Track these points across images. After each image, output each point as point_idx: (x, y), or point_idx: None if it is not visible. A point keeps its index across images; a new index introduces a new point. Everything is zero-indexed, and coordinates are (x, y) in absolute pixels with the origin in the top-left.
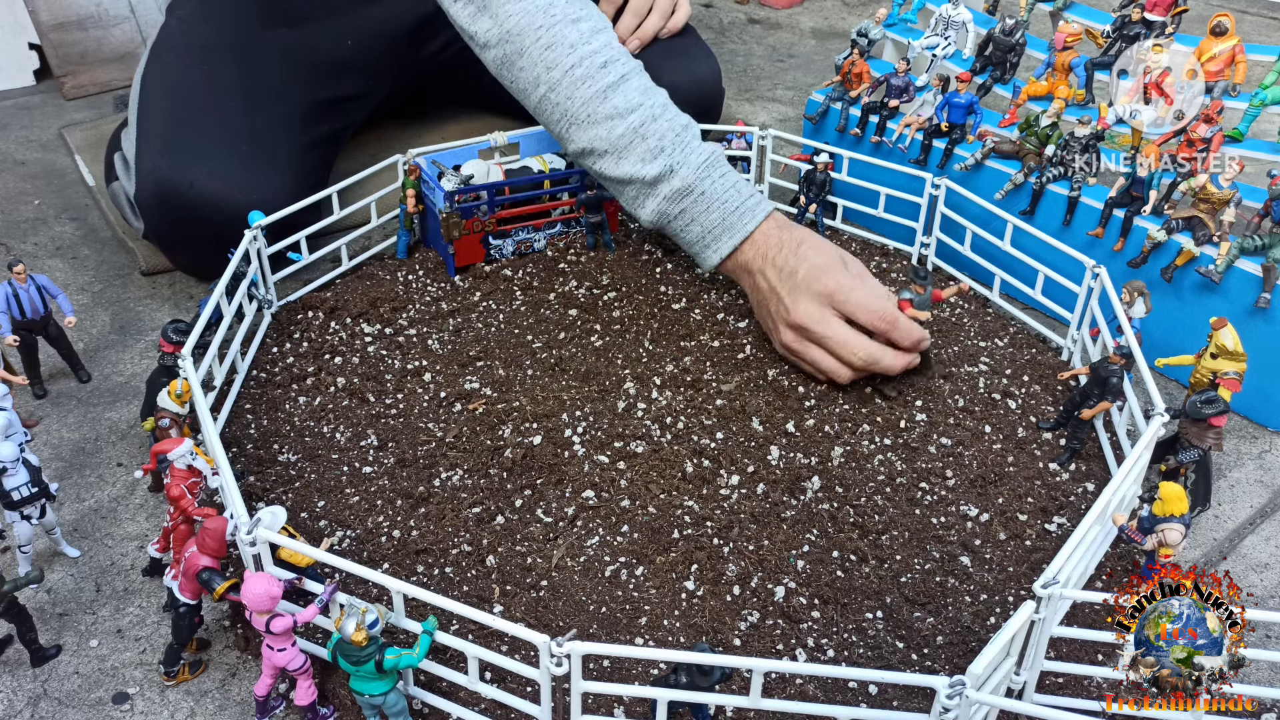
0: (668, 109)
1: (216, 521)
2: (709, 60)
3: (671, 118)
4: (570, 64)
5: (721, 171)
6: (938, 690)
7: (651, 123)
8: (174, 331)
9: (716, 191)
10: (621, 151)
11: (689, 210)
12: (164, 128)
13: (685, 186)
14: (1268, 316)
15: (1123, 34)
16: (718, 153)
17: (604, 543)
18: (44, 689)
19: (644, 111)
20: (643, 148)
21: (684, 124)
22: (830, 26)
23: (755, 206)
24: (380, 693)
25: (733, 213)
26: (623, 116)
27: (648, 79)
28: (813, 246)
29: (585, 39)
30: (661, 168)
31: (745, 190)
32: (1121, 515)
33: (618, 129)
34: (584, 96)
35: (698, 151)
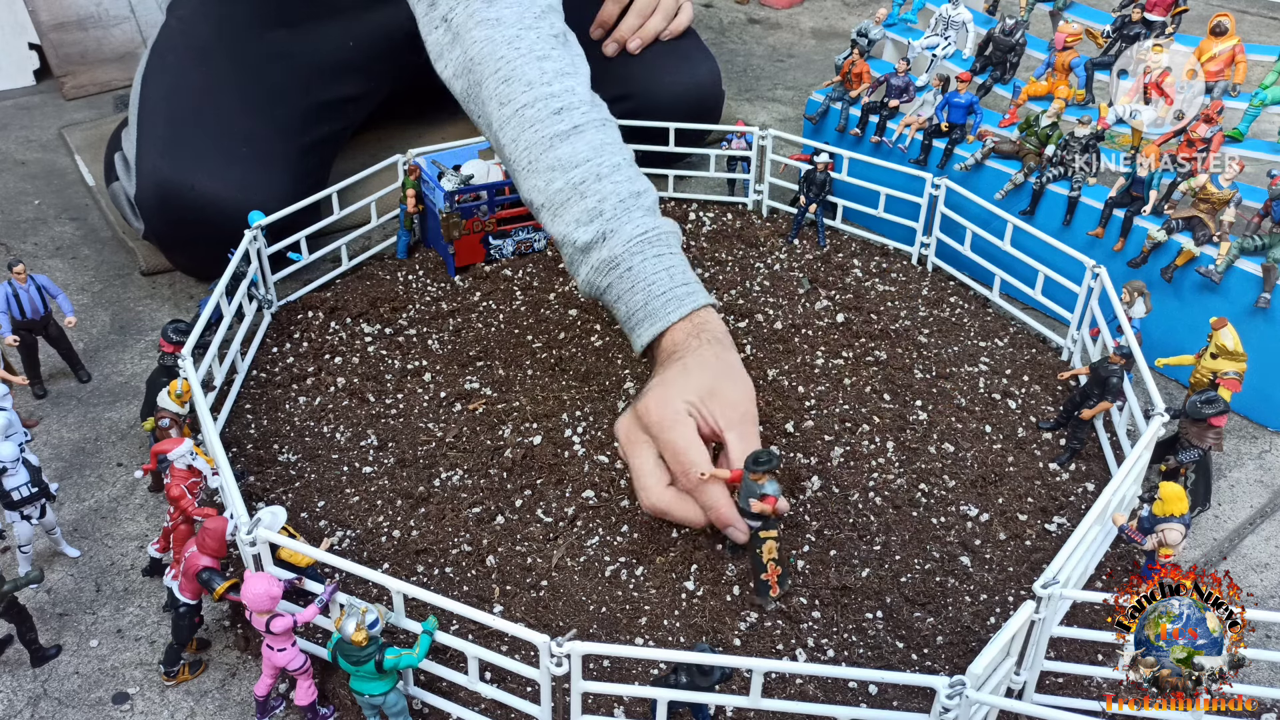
0: (619, 170)
1: (216, 521)
2: (709, 62)
3: (620, 181)
4: (523, 103)
5: (658, 251)
6: (938, 690)
7: (595, 181)
8: (174, 331)
9: (645, 271)
10: (558, 208)
11: (615, 286)
12: (164, 129)
13: (612, 259)
14: (1268, 316)
15: (1123, 34)
16: (662, 230)
17: (604, 543)
18: (44, 689)
19: (589, 168)
20: (580, 207)
21: (635, 190)
22: (830, 26)
23: (685, 296)
24: (380, 693)
25: (658, 297)
26: (564, 170)
27: (608, 135)
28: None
29: (546, 80)
30: (594, 233)
31: (679, 276)
32: (1121, 515)
33: (556, 182)
34: (529, 141)
35: (637, 223)
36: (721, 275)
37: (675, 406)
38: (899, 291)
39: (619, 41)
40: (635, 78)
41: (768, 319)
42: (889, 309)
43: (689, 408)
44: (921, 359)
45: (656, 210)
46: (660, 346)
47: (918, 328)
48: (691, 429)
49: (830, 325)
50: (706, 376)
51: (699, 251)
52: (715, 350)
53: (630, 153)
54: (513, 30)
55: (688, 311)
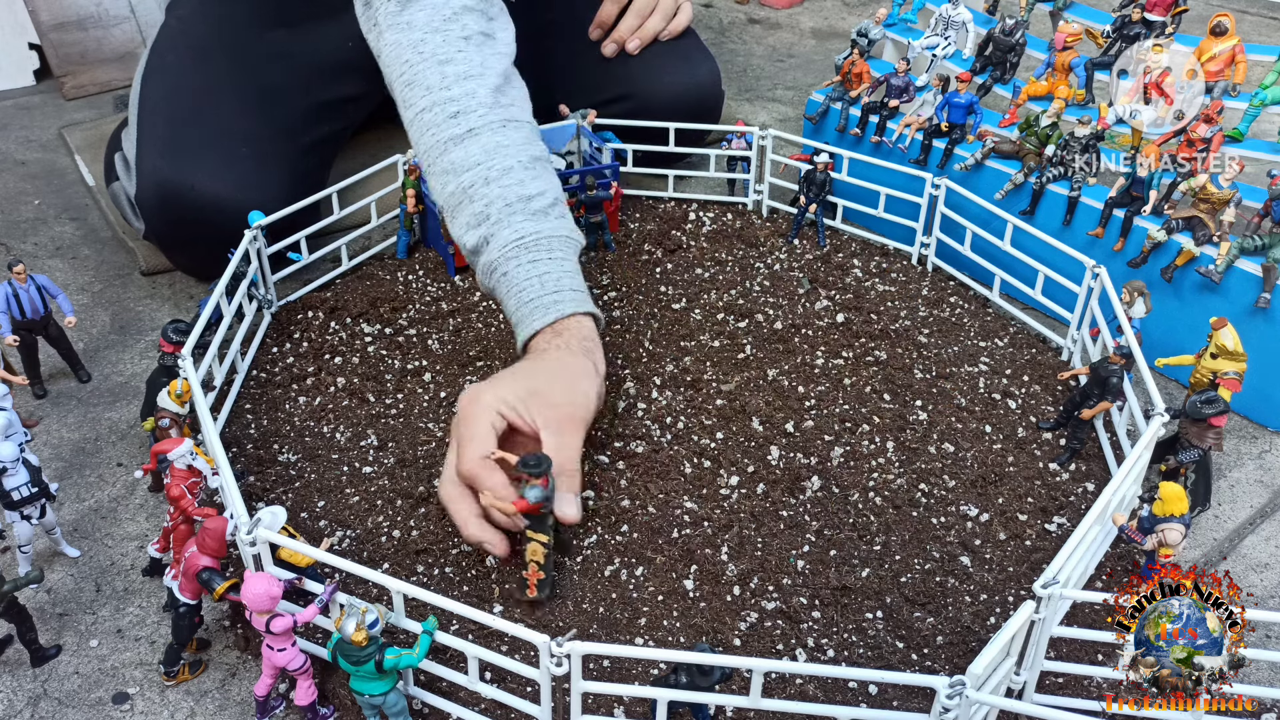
0: (509, 174)
1: (216, 521)
2: (708, 62)
3: (509, 185)
4: (422, 107)
5: (533, 257)
6: (938, 690)
7: (483, 186)
8: (174, 331)
9: (517, 278)
10: (452, 211)
11: (498, 289)
12: (164, 129)
13: (490, 264)
14: (1268, 316)
15: (1123, 34)
16: (542, 235)
17: (604, 543)
18: (44, 689)
19: (478, 172)
20: (469, 211)
21: (524, 194)
22: (830, 26)
23: (551, 305)
24: (380, 693)
25: (526, 304)
26: (456, 173)
27: (507, 137)
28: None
29: (446, 84)
30: (479, 238)
31: (551, 283)
32: (1121, 515)
33: (449, 186)
34: (427, 145)
35: (516, 228)
36: (721, 275)
37: (482, 402)
38: (899, 291)
39: (618, 42)
40: (635, 78)
41: (768, 319)
42: (889, 309)
43: (499, 404)
44: (921, 359)
45: (553, 213)
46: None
47: (918, 328)
48: (485, 425)
49: (830, 325)
50: (534, 378)
51: (699, 252)
52: (560, 355)
53: (537, 150)
54: (419, 34)
55: (551, 320)
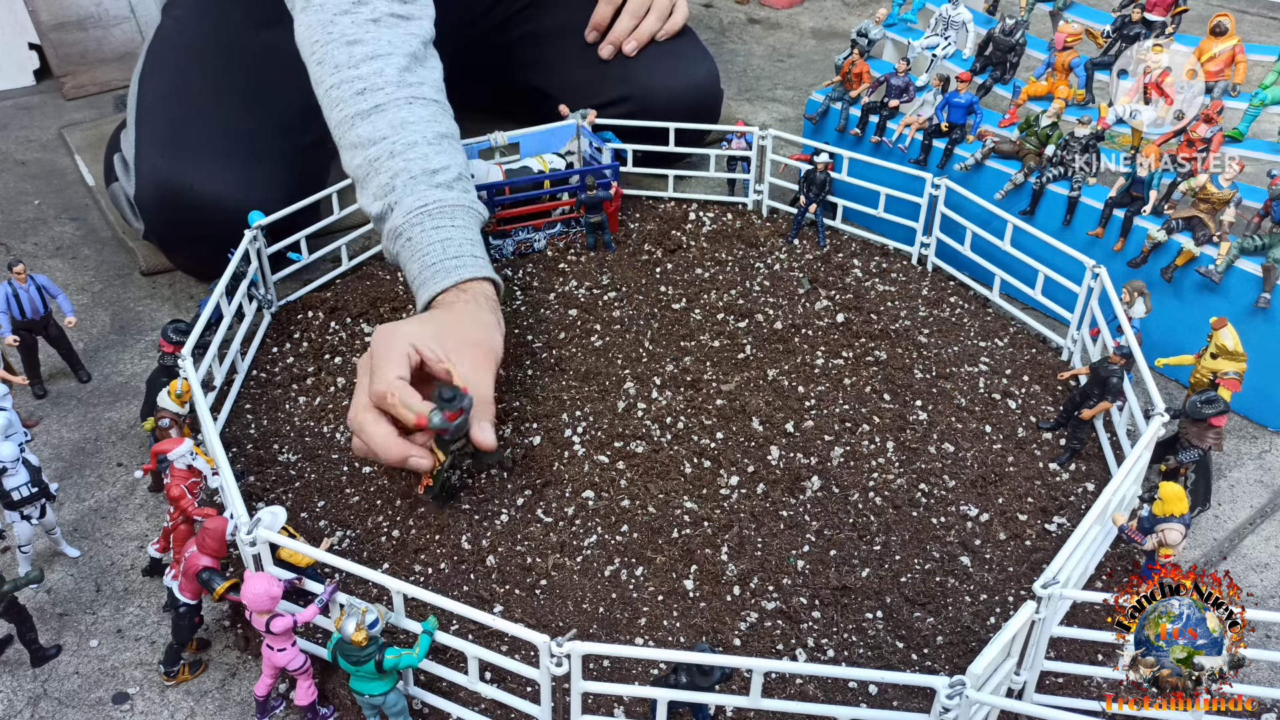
0: (414, 148)
1: (216, 521)
2: (706, 61)
3: (413, 159)
4: (330, 84)
5: (437, 223)
6: (938, 690)
7: (388, 159)
8: (174, 331)
9: (421, 242)
10: (361, 183)
11: (401, 255)
12: (163, 129)
13: (395, 229)
14: (1268, 316)
15: (1123, 34)
16: (445, 203)
17: (604, 543)
18: (44, 689)
19: (384, 146)
20: (375, 183)
21: (429, 168)
22: (830, 26)
23: (455, 268)
24: (380, 693)
25: (430, 267)
26: (363, 147)
27: (413, 114)
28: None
29: (354, 63)
30: (383, 207)
31: (453, 249)
32: (1121, 515)
33: (356, 159)
34: (335, 119)
35: (419, 195)
36: (721, 275)
37: (395, 338)
38: (899, 291)
39: (614, 44)
40: (634, 79)
41: (768, 319)
42: (889, 309)
43: (413, 338)
44: (921, 359)
45: (457, 186)
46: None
47: (918, 328)
48: (399, 353)
49: (830, 325)
50: (446, 322)
51: (699, 252)
52: (468, 306)
53: (444, 127)
54: (329, 15)
55: (453, 282)
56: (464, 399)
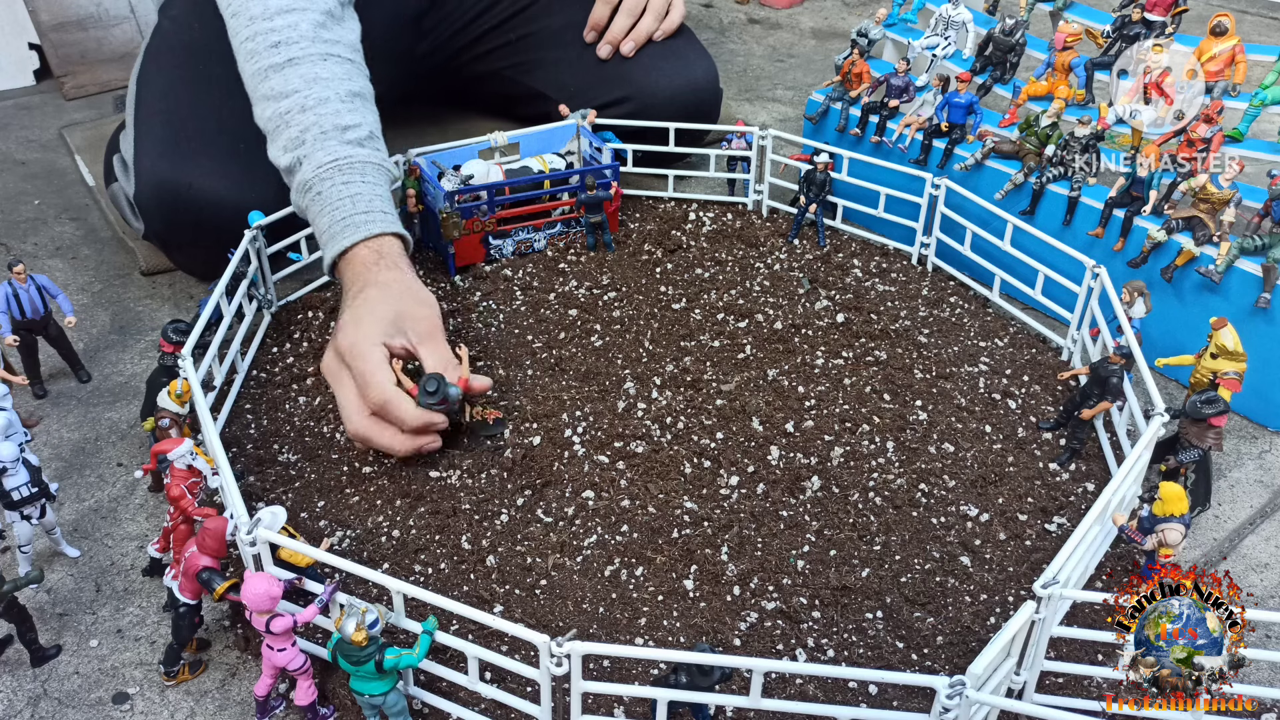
0: (326, 104)
1: (216, 521)
2: (705, 61)
3: (325, 114)
4: (245, 36)
5: (346, 178)
6: (938, 690)
7: (299, 113)
8: (174, 331)
9: (331, 196)
10: (271, 135)
11: (310, 209)
12: (161, 129)
13: (305, 182)
14: (1268, 316)
15: (1123, 34)
16: (356, 159)
17: (604, 543)
18: (44, 689)
19: (296, 99)
20: (285, 136)
21: (341, 124)
22: (830, 26)
23: (364, 224)
24: (380, 693)
25: (338, 223)
26: (275, 100)
27: (327, 70)
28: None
29: (268, 15)
30: (292, 160)
31: (363, 205)
32: (1121, 515)
33: (268, 111)
34: (249, 72)
35: (330, 151)
36: (721, 275)
37: (369, 347)
38: (899, 291)
39: (612, 44)
40: (632, 79)
41: (768, 319)
42: (889, 309)
43: (381, 338)
44: (921, 359)
45: (368, 144)
46: (343, 270)
47: (918, 328)
48: (380, 357)
49: (830, 325)
50: (393, 302)
51: (699, 252)
52: (394, 274)
53: (357, 85)
54: None
55: (362, 237)
56: (448, 387)
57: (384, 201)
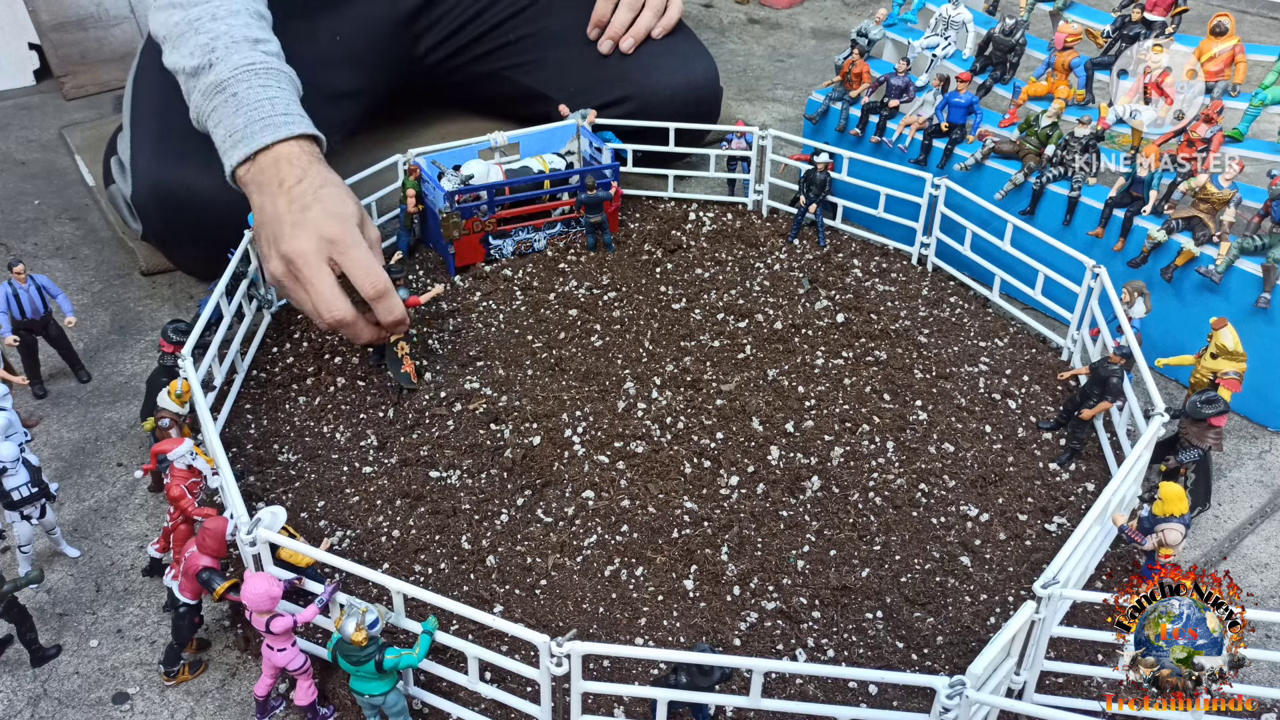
0: (236, 16)
1: (216, 521)
2: (704, 59)
3: (237, 25)
4: None
5: (264, 81)
6: (938, 690)
7: (210, 21)
8: (174, 331)
9: (249, 97)
10: (175, 40)
11: (219, 110)
12: (157, 129)
13: (218, 82)
14: (1268, 316)
15: (1123, 34)
16: (271, 66)
17: (604, 543)
18: (44, 689)
19: (206, 9)
20: (194, 41)
21: (252, 37)
22: (830, 26)
23: (285, 124)
24: (380, 693)
25: (257, 121)
26: (182, 8)
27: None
28: (335, 194)
29: None
30: (200, 62)
31: (281, 107)
32: (1121, 515)
33: (174, 16)
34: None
35: (245, 55)
36: (721, 275)
37: (353, 229)
38: (899, 291)
39: (612, 39)
40: (633, 79)
41: (768, 319)
42: (889, 309)
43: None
44: (921, 359)
45: (279, 58)
46: (265, 166)
47: (918, 328)
48: (329, 276)
49: (830, 325)
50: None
51: (699, 252)
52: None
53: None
54: None
55: (283, 136)
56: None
57: (299, 106)
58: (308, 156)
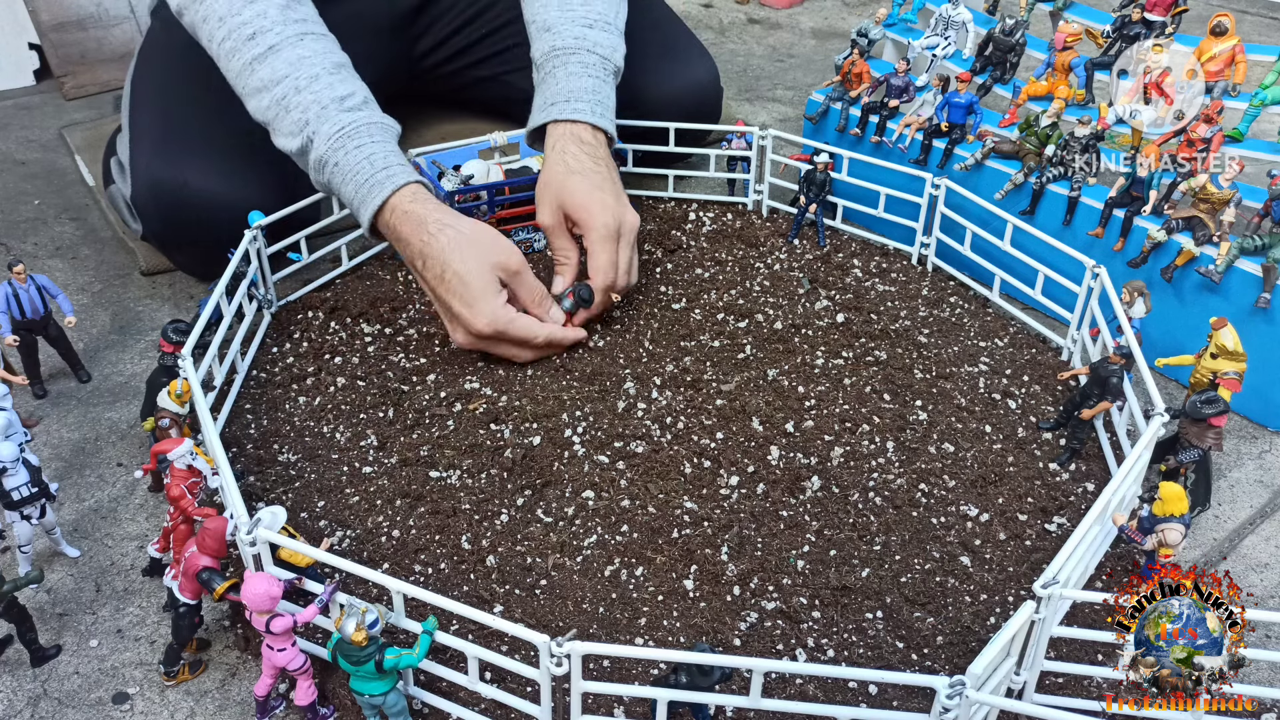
0: (318, 80)
1: (216, 521)
2: (706, 61)
3: (320, 90)
4: (221, 37)
5: (358, 143)
6: (938, 690)
7: (294, 95)
8: (174, 331)
9: (348, 164)
10: (273, 125)
11: (334, 184)
12: (156, 129)
13: (320, 160)
14: (1268, 316)
15: (1123, 34)
16: (359, 123)
17: (604, 543)
18: (44, 689)
19: (288, 84)
20: (288, 121)
21: (337, 96)
22: (830, 26)
23: (385, 180)
24: (380, 693)
25: (364, 185)
26: (269, 89)
27: (306, 49)
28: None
29: (235, 10)
30: (303, 141)
31: (379, 162)
32: (1121, 515)
33: (264, 101)
34: (234, 70)
35: (336, 122)
36: (721, 275)
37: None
38: (899, 291)
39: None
40: (634, 80)
41: (768, 319)
42: (889, 309)
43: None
44: (921, 359)
45: (366, 108)
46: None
47: (918, 328)
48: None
49: (830, 325)
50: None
51: (699, 252)
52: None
53: (339, 58)
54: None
55: (388, 193)
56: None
57: (396, 155)
58: (414, 222)
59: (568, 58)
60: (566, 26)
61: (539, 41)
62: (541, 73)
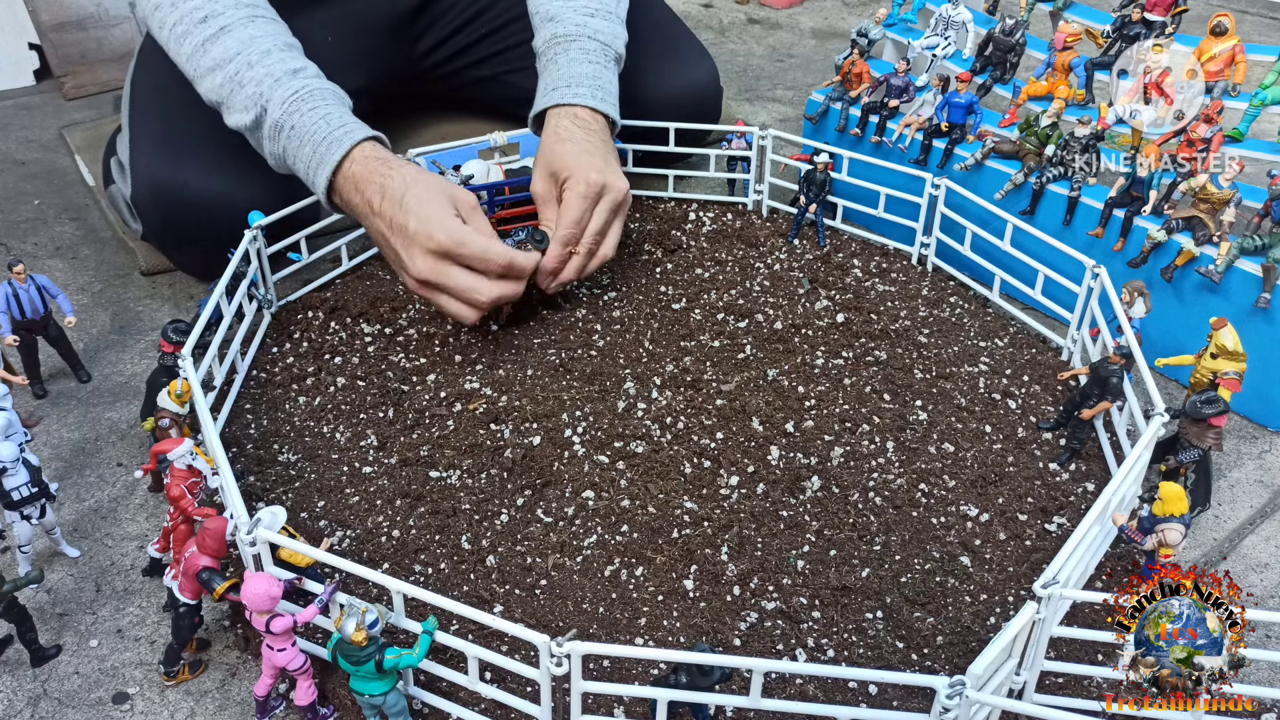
0: (269, 55)
1: (216, 521)
2: (705, 61)
3: (271, 64)
4: (173, 22)
5: (312, 105)
6: (938, 690)
7: (247, 70)
8: (174, 331)
9: (304, 125)
10: (226, 103)
11: (289, 149)
12: (156, 129)
13: (275, 124)
14: (1268, 316)
15: (1123, 34)
16: (310, 88)
17: (604, 543)
18: (44, 689)
19: (240, 60)
20: (241, 96)
21: (290, 69)
22: (830, 26)
23: (343, 137)
24: (380, 693)
25: (321, 144)
26: (221, 68)
27: (257, 29)
28: (417, 196)
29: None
30: (257, 112)
31: (336, 121)
32: (1121, 515)
33: (217, 80)
34: (186, 53)
35: (289, 87)
36: (721, 275)
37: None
38: (899, 291)
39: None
40: (634, 80)
41: (768, 319)
42: (889, 309)
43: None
44: (921, 359)
45: (320, 79)
46: (343, 186)
47: (918, 328)
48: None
49: (830, 325)
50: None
51: (699, 252)
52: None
53: (290, 39)
54: None
55: (347, 148)
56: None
57: (350, 115)
58: (375, 163)
59: (569, 44)
60: (568, 15)
61: (542, 31)
62: (543, 60)
